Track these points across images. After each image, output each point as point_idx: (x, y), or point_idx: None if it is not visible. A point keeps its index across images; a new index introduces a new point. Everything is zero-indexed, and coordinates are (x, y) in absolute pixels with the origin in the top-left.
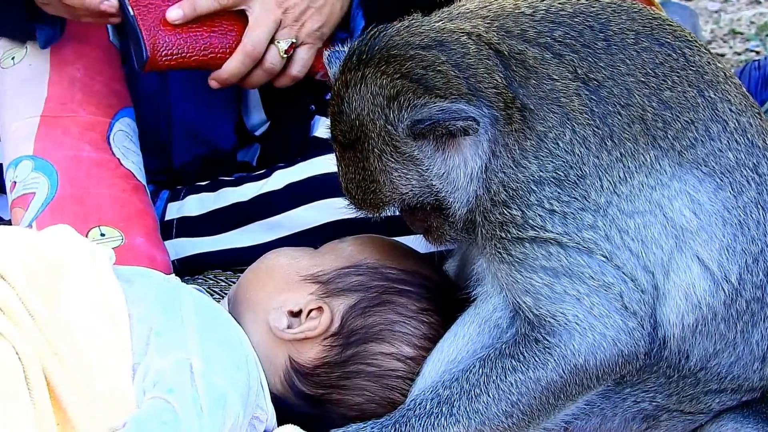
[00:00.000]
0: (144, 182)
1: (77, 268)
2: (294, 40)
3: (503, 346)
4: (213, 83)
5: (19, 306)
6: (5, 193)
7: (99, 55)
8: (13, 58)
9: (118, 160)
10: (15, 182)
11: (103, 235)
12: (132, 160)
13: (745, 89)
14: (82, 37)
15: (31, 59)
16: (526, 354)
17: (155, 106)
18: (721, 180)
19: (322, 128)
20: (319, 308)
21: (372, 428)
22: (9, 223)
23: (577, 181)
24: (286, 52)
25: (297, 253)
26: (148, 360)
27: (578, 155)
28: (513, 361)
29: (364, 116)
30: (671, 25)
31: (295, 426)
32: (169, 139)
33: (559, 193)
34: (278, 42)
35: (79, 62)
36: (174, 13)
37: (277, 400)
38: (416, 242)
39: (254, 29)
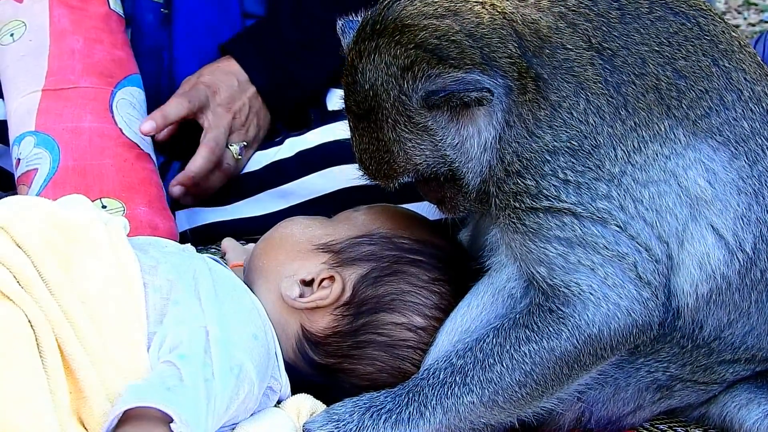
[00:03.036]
0: (149, 150)
1: (92, 237)
2: (245, 144)
3: (517, 316)
4: (176, 189)
5: (34, 274)
6: None
7: (98, 23)
8: (12, 35)
9: (120, 129)
10: (19, 159)
11: (104, 207)
12: (136, 128)
13: (759, 59)
14: (80, 7)
15: (31, 34)
16: (540, 324)
17: (157, 63)
18: (736, 149)
19: (334, 99)
20: (331, 277)
21: (386, 397)
22: None
23: (592, 151)
24: (239, 154)
25: (310, 222)
26: (165, 329)
27: (592, 125)
28: (527, 331)
29: (378, 86)
30: None
31: (309, 395)
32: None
33: (573, 162)
34: (231, 145)
35: (78, 33)
36: (147, 126)
37: (289, 368)
38: (428, 209)
39: (212, 130)
